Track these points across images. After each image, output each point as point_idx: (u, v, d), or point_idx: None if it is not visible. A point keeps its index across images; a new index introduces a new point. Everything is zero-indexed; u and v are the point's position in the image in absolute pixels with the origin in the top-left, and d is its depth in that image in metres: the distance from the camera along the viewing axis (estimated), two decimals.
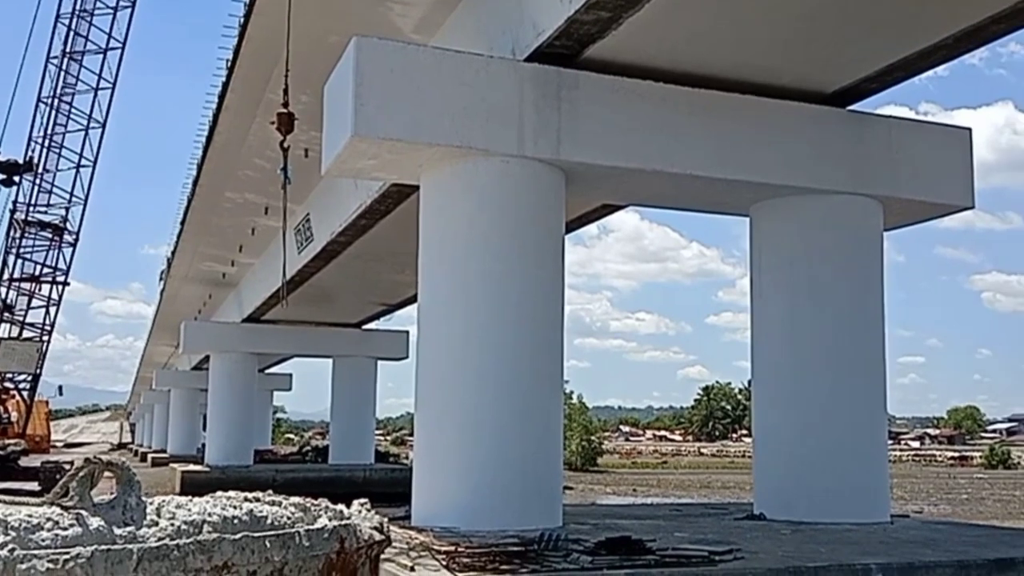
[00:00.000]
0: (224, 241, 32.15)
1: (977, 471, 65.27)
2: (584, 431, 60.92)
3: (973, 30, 12.02)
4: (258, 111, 19.70)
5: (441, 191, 12.75)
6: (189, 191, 28.74)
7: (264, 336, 38.90)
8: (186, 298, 44.71)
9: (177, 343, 44.65)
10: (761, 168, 13.47)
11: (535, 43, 12.12)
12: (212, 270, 37.61)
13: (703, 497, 35.39)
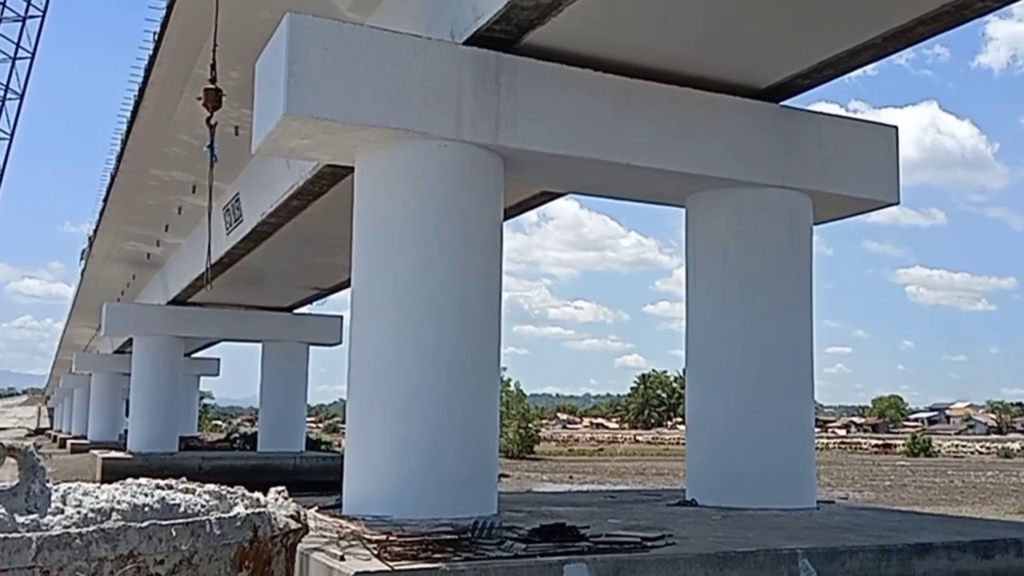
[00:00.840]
0: (149, 220, 31.28)
1: (900, 459, 67.52)
2: (521, 418, 61.19)
3: (900, 31, 12.31)
4: (186, 87, 19.16)
5: (376, 174, 12.55)
6: (112, 167, 27.87)
7: (190, 319, 38.04)
8: (108, 279, 43.45)
9: (99, 325, 43.42)
10: (696, 159, 13.58)
11: (474, 26, 11.98)
12: (136, 250, 36.58)
13: (638, 484, 35.86)
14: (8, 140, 35.54)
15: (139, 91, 21.22)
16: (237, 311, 38.34)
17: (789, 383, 14.12)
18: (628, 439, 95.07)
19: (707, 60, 13.28)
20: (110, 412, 58.94)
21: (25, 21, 20.77)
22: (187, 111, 19.84)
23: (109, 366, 58.49)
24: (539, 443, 65.90)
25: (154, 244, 34.62)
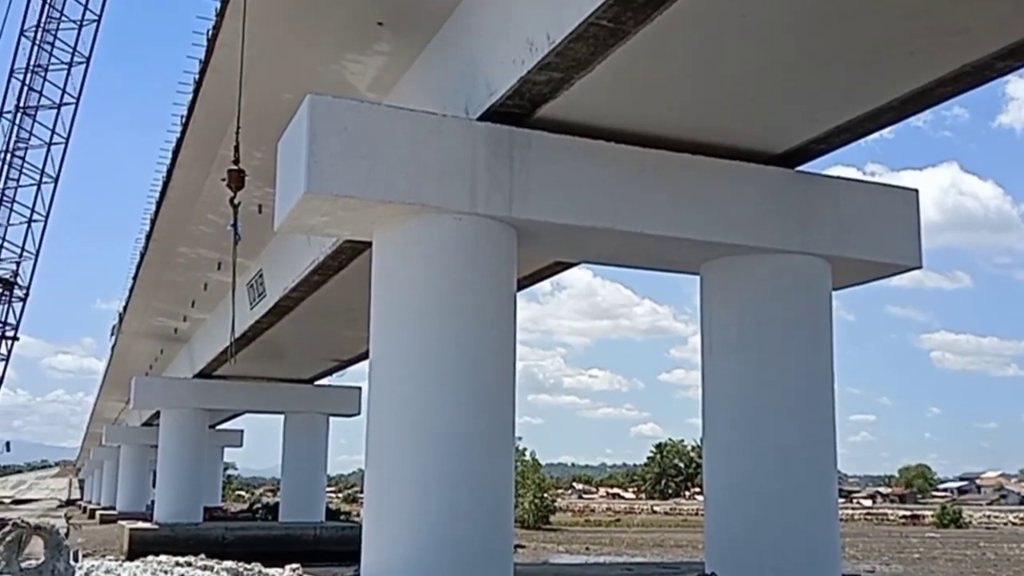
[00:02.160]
0: (176, 296, 31.73)
1: (929, 530, 65.54)
2: (537, 488, 60.36)
3: (919, 93, 12.29)
4: (212, 167, 19.61)
5: (394, 248, 12.72)
6: (142, 246, 28.40)
7: (215, 392, 38.30)
8: (137, 353, 43.91)
9: (128, 399, 43.72)
10: (711, 227, 13.62)
11: (488, 102, 12.24)
12: (164, 325, 37.04)
13: (656, 556, 35.14)
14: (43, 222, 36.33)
15: (167, 172, 21.74)
16: (260, 383, 38.54)
17: (811, 452, 13.89)
18: (645, 509, 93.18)
19: (720, 127, 13.41)
20: (138, 483, 59.03)
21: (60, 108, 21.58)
22: (213, 190, 20.28)
23: (137, 438, 58.75)
24: (555, 513, 64.79)
25: (181, 319, 35.06)
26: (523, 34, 11.15)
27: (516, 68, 11.40)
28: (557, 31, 10.38)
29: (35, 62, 20.76)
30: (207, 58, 15.86)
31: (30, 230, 38.17)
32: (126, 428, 62.68)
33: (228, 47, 14.50)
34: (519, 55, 11.27)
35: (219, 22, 14.61)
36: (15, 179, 37.07)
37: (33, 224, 37.96)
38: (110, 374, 52.30)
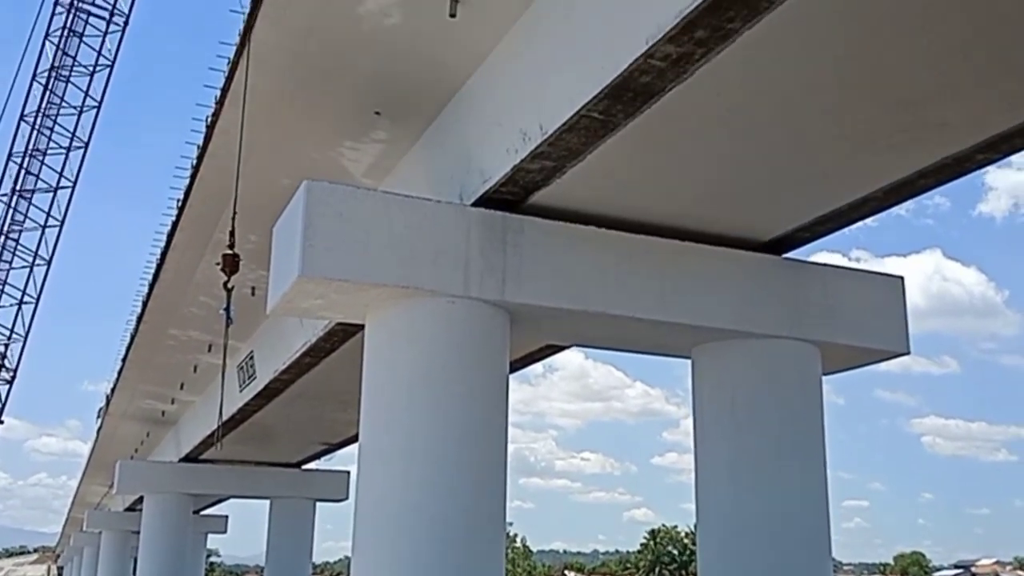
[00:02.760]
0: (165, 378, 31.53)
1: None
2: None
3: (901, 184, 12.60)
4: (206, 249, 19.77)
5: (386, 331, 12.78)
6: (133, 327, 28.34)
7: (201, 476, 37.74)
8: (123, 436, 43.35)
9: (111, 483, 43.00)
10: (701, 312, 13.77)
11: (482, 189, 12.48)
12: (152, 408, 36.69)
13: None
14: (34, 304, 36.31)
15: (161, 254, 21.88)
16: (246, 467, 38.03)
17: (806, 539, 13.78)
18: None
19: (708, 215, 13.67)
20: (118, 571, 57.60)
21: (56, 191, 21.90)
22: (206, 273, 20.39)
23: (119, 524, 57.53)
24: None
25: (169, 402, 34.76)
26: (516, 124, 11.45)
27: (510, 156, 11.67)
28: (550, 122, 10.67)
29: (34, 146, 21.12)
30: (205, 143, 16.15)
31: (20, 312, 38.10)
32: (108, 513, 61.46)
33: (226, 133, 14.80)
34: (513, 144, 11.55)
35: (218, 109, 14.93)
36: (8, 261, 37.18)
37: (24, 306, 37.91)
38: (94, 457, 51.53)
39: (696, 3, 8.11)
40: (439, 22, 11.39)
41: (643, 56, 8.96)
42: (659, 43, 8.72)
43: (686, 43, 8.69)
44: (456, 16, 11.24)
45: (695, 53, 8.86)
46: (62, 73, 20.52)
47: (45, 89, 20.70)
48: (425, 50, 12.34)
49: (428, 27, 11.74)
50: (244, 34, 12.76)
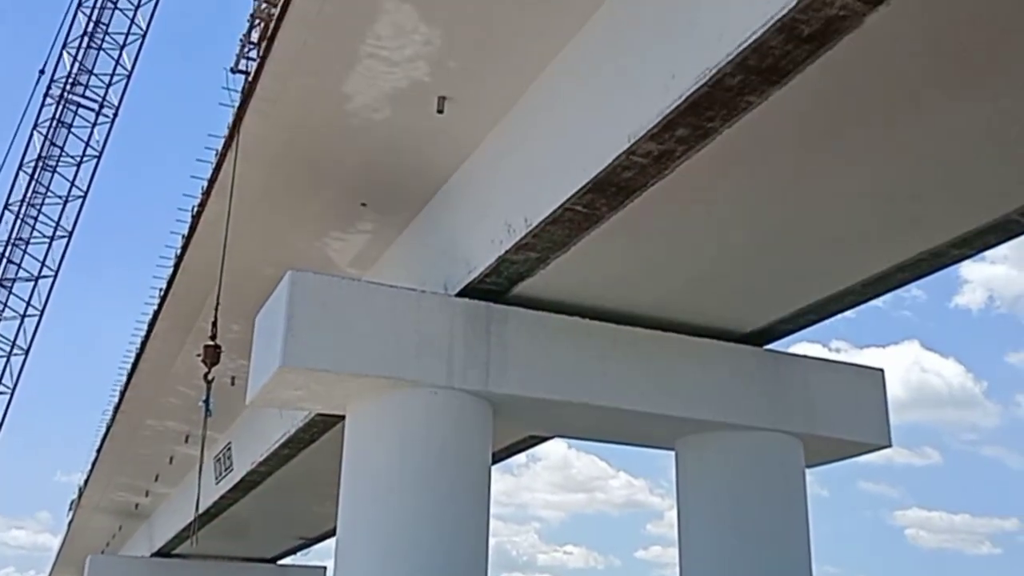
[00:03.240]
0: (140, 470, 30.91)
1: None
2: None
3: (880, 277, 12.85)
4: (188, 338, 19.66)
5: (367, 422, 12.67)
6: (109, 417, 27.93)
7: (174, 571, 36.60)
8: (95, 529, 42.21)
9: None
10: (683, 403, 13.75)
11: (467, 279, 12.57)
12: (125, 500, 35.84)
13: None
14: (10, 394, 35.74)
15: (141, 343, 21.73)
16: (221, 562, 36.97)
17: None
18: None
19: (691, 306, 13.79)
20: None
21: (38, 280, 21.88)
22: (186, 362, 20.22)
23: None
24: None
25: (143, 494, 34.00)
26: (502, 216, 11.62)
27: (495, 248, 11.79)
28: (534, 214, 10.83)
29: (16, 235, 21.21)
30: (191, 233, 16.24)
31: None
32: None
33: (212, 223, 14.91)
34: (498, 236, 11.69)
35: (205, 200, 15.07)
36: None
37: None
38: (65, 551, 50.01)
39: (676, 103, 8.36)
40: (427, 117, 11.67)
41: (626, 152, 9.18)
42: (641, 140, 8.95)
43: (667, 141, 8.93)
44: (444, 112, 11.51)
45: (676, 150, 9.09)
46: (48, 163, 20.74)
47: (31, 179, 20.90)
48: (413, 144, 12.59)
49: (416, 122, 12.00)
50: (233, 127, 12.98)
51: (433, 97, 11.49)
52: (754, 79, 7.94)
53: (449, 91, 11.44)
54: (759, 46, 7.51)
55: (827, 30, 7.31)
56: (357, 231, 15.02)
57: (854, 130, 9.60)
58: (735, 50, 7.63)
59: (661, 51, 8.75)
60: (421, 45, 10.68)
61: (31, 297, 31.37)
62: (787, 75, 7.88)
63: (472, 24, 10.38)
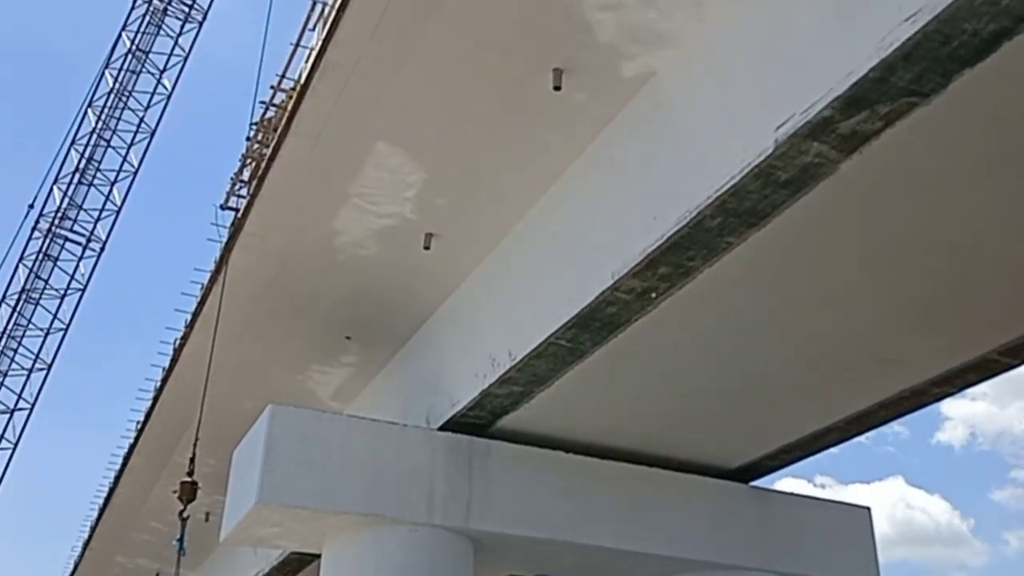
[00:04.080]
0: None
1: None
2: None
3: (863, 415, 12.86)
4: (162, 473, 19.26)
5: (344, 560, 12.32)
6: (78, 554, 27.01)
7: None
8: None
9: None
10: (669, 541, 13.48)
11: (449, 412, 12.49)
12: None
13: None
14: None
15: (115, 478, 21.26)
16: None
17: None
18: None
19: (675, 441, 13.68)
20: None
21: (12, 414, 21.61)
22: (159, 497, 19.76)
23: None
24: None
25: None
26: (486, 350, 11.66)
27: (478, 381, 11.78)
28: (519, 348, 10.89)
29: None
30: (171, 366, 16.16)
31: None
32: None
33: (193, 356, 14.86)
34: (481, 369, 11.70)
35: (188, 332, 15.07)
36: None
37: None
38: None
39: (658, 243, 8.57)
40: (413, 254, 11.86)
41: (609, 289, 9.33)
42: (624, 277, 9.12)
43: (650, 278, 9.10)
44: (430, 248, 11.71)
45: (659, 287, 9.26)
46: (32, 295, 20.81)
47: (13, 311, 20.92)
48: (399, 279, 12.74)
49: (402, 258, 12.19)
50: (220, 261, 13.13)
51: (420, 234, 11.72)
52: (733, 221, 8.18)
53: (436, 228, 11.68)
54: (737, 190, 7.78)
55: (804, 176, 7.59)
56: (340, 364, 14.99)
57: (834, 269, 9.82)
58: (714, 194, 7.89)
59: (643, 192, 9.03)
60: (409, 184, 10.97)
61: (5, 430, 30.76)
62: (766, 218, 8.13)
63: (459, 164, 10.70)
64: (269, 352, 14.89)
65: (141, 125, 20.64)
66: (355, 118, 10.04)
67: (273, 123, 12.80)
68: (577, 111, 9.58)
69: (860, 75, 6.59)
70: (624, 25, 8.56)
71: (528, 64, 9.12)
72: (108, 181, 20.75)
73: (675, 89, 8.85)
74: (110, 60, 20.49)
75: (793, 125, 7.13)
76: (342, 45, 9.17)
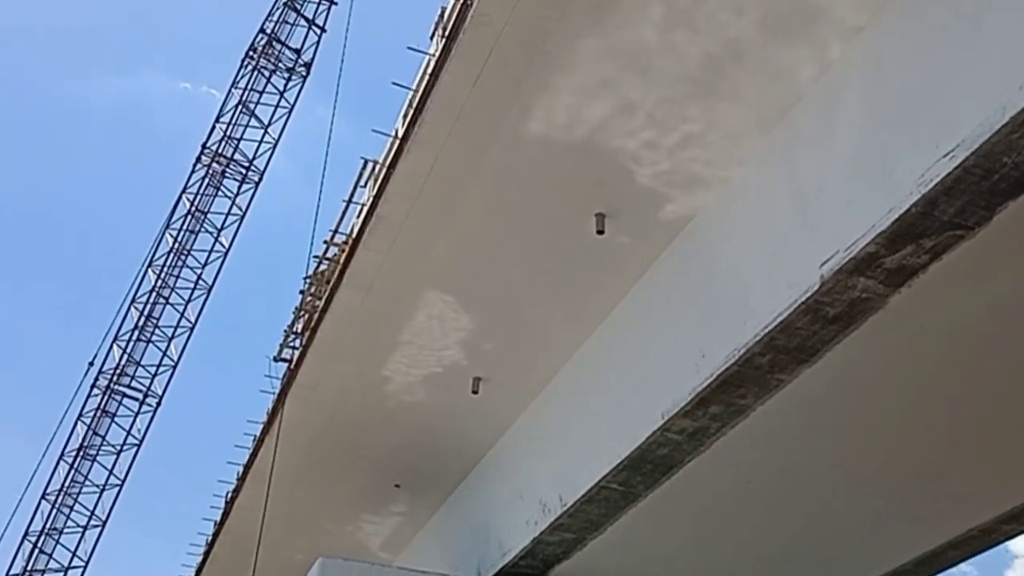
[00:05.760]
0: None
1: None
2: None
3: (930, 556, 12.39)
4: None
5: None
6: None
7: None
8: None
9: None
10: None
11: (500, 563, 12.21)
12: None
13: None
14: None
15: None
16: None
17: None
18: None
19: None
20: None
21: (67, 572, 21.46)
22: None
23: None
24: None
25: None
26: (536, 496, 11.49)
27: (529, 529, 11.56)
28: (570, 493, 10.72)
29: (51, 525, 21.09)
30: (223, 519, 16.11)
31: None
32: None
33: (245, 509, 14.81)
34: (532, 516, 11.50)
35: (239, 485, 15.09)
36: None
37: None
38: None
39: (708, 381, 8.53)
40: (462, 398, 11.90)
41: (660, 429, 9.24)
42: (675, 417, 9.04)
43: (701, 417, 9.01)
44: (479, 392, 11.76)
45: (710, 427, 9.15)
46: (89, 452, 21.09)
47: (71, 468, 21.18)
48: (447, 424, 12.74)
49: (451, 403, 12.23)
50: (273, 412, 13.27)
51: (468, 378, 11.79)
52: (783, 358, 8.14)
53: (484, 372, 11.76)
54: (786, 327, 7.77)
55: (852, 311, 7.58)
56: (390, 513, 14.84)
57: (898, 404, 9.64)
58: (762, 330, 7.89)
59: (690, 331, 9.06)
60: (457, 331, 11.13)
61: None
62: (816, 354, 8.08)
63: (506, 309, 10.87)
64: (320, 503, 14.81)
65: (199, 282, 21.35)
66: (405, 268, 10.32)
67: (326, 276, 13.18)
68: (621, 253, 9.77)
69: (903, 210, 6.66)
70: (663, 170, 8.83)
71: (571, 210, 9.38)
72: (166, 337, 21.31)
73: (716, 229, 9.01)
74: (170, 221, 21.42)
75: (838, 261, 7.18)
76: (392, 199, 9.54)
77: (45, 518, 20.78)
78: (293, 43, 21.62)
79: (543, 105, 8.38)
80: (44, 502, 21.30)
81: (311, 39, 21.58)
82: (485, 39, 7.78)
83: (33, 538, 20.77)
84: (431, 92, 8.39)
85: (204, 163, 21.59)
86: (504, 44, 7.79)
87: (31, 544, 20.79)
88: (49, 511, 20.74)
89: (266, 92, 21.64)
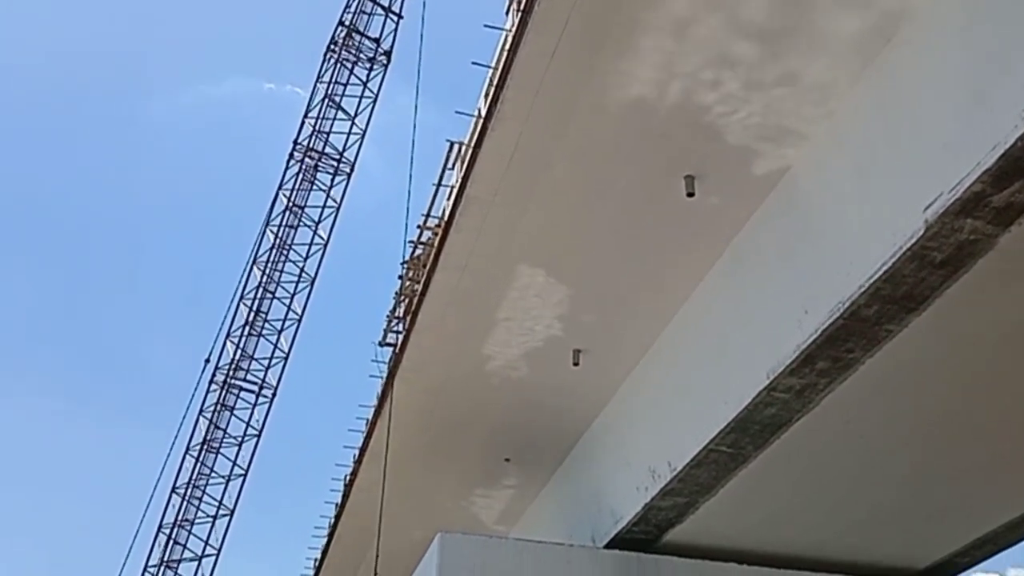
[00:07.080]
0: None
1: None
2: None
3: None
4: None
5: None
6: None
7: None
8: None
9: None
10: None
11: (614, 530, 12.31)
12: None
13: None
14: None
15: None
16: None
17: None
18: None
19: (855, 546, 12.94)
20: None
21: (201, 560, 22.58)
22: None
23: None
24: None
25: None
26: (645, 462, 11.53)
27: (640, 495, 11.61)
28: (678, 458, 10.72)
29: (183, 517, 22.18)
30: (343, 502, 16.65)
31: None
32: None
33: (364, 491, 15.27)
34: (642, 482, 11.55)
35: (356, 468, 15.56)
36: None
37: None
38: None
39: (813, 337, 8.38)
40: (564, 371, 11.99)
41: (766, 389, 9.14)
42: (780, 376, 8.93)
43: (808, 375, 8.87)
44: (580, 364, 11.83)
45: (818, 383, 9.00)
46: (212, 445, 22.03)
47: (196, 461, 22.20)
48: (551, 397, 12.86)
49: (553, 376, 12.34)
50: (383, 395, 13.63)
51: (568, 351, 11.87)
52: (891, 308, 7.94)
53: (583, 344, 11.82)
54: (892, 275, 7.57)
55: (960, 255, 7.33)
56: (502, 487, 15.09)
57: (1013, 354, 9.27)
58: (867, 281, 7.70)
59: (790, 287, 8.91)
60: (554, 304, 11.21)
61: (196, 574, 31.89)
62: (924, 301, 7.85)
63: (601, 279, 10.88)
64: (434, 480, 15.16)
65: (302, 275, 21.95)
66: (497, 246, 10.43)
67: (422, 260, 13.42)
68: (712, 215, 9.66)
69: (1008, 145, 6.39)
70: (752, 125, 8.67)
71: (659, 175, 9.31)
72: (275, 330, 21.98)
73: (811, 181, 8.82)
74: (270, 218, 22.05)
75: (943, 203, 6.94)
76: (480, 180, 9.64)
77: (177, 510, 21.84)
78: (372, 33, 21.86)
79: (623, 70, 8.32)
80: (175, 495, 22.36)
81: (389, 27, 21.79)
82: (561, 6, 7.76)
83: (167, 530, 21.85)
84: (510, 68, 8.42)
85: (297, 159, 22.11)
86: (580, 10, 7.75)
87: (165, 536, 21.89)
88: (180, 503, 21.80)
89: (350, 84, 21.96)
